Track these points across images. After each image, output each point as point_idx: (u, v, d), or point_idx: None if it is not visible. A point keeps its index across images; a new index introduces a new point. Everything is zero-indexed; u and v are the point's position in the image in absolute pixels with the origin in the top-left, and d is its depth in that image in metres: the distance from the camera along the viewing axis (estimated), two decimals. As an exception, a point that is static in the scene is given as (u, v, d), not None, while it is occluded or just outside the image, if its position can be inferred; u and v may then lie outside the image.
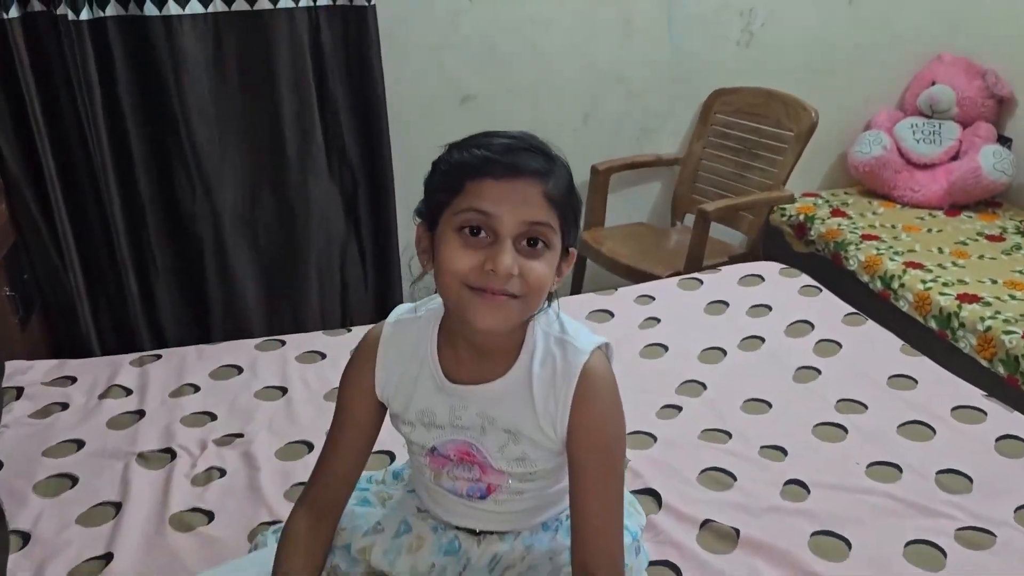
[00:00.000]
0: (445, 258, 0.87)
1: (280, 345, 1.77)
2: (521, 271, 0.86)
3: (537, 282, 0.88)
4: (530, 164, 0.87)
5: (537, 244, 0.88)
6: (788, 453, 1.37)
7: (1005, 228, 2.73)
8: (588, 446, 0.93)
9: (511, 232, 0.86)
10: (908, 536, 1.19)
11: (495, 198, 0.85)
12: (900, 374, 1.57)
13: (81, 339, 2.30)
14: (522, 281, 0.87)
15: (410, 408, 1.01)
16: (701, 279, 1.95)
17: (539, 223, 0.87)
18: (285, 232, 2.45)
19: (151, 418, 1.51)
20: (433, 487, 1.05)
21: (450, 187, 0.88)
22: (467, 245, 0.87)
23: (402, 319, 1.04)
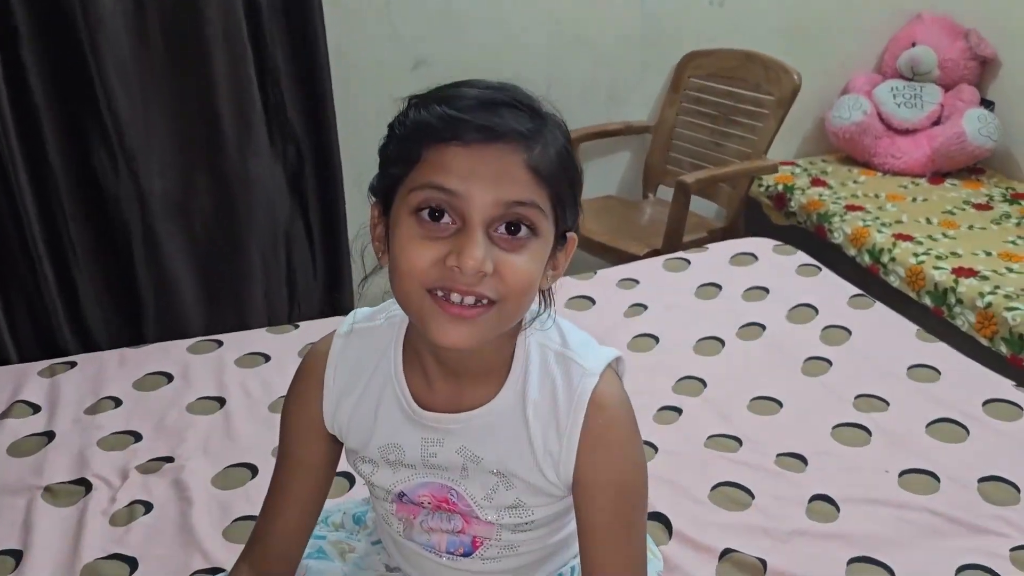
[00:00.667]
0: (399, 253, 0.66)
1: (217, 346, 1.54)
2: (497, 267, 0.65)
3: (519, 282, 0.66)
4: (510, 124, 0.65)
5: (519, 231, 0.66)
6: (808, 463, 1.20)
7: (991, 196, 2.61)
8: (602, 500, 0.73)
9: (484, 216, 0.64)
10: (958, 560, 1.03)
11: (462, 171, 0.64)
12: (920, 364, 1.41)
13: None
14: (498, 281, 0.65)
15: (371, 443, 0.79)
16: (688, 259, 1.77)
17: (521, 203, 0.65)
18: (223, 215, 2.20)
19: (62, 441, 1.28)
20: (403, 542, 0.84)
21: (405, 156, 0.66)
22: (426, 234, 0.65)
23: (357, 329, 0.81)
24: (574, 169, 0.71)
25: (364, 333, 0.81)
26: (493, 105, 0.66)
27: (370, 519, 0.97)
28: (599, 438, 0.72)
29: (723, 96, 2.51)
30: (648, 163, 2.67)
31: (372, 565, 0.90)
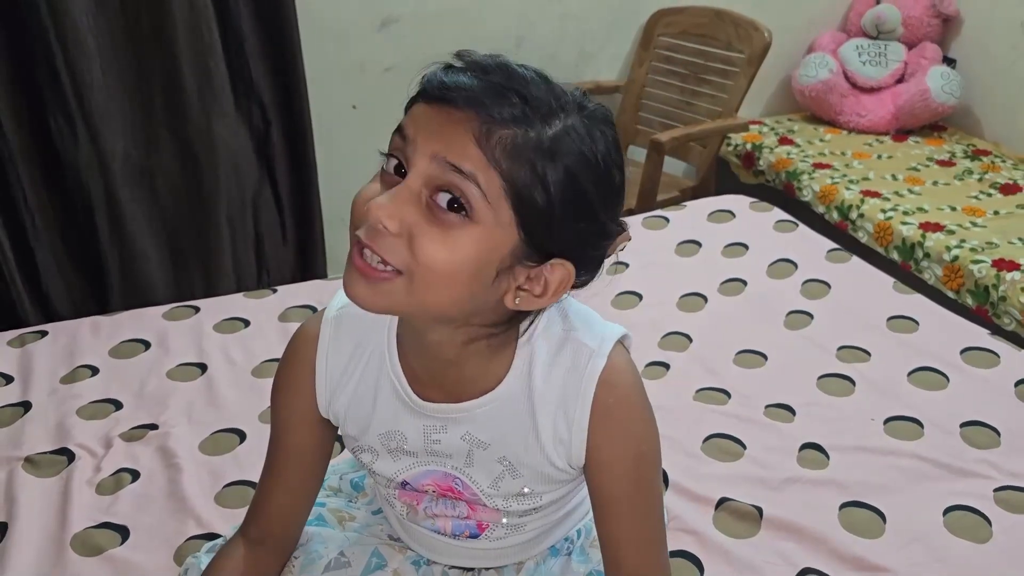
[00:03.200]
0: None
1: (193, 312, 1.50)
2: (412, 234, 0.59)
3: (429, 261, 0.59)
4: (471, 89, 0.59)
5: (454, 206, 0.59)
6: (796, 413, 1.22)
7: (954, 152, 2.65)
8: (619, 474, 0.71)
9: (423, 172, 0.59)
10: (945, 502, 1.05)
11: (419, 121, 0.61)
12: (899, 315, 1.43)
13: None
14: (408, 251, 0.59)
15: (369, 431, 0.76)
16: (666, 217, 1.77)
17: (457, 169, 0.58)
18: (188, 181, 2.14)
19: (39, 411, 1.24)
20: (408, 524, 0.83)
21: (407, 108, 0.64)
22: (381, 179, 0.63)
23: (345, 312, 0.76)
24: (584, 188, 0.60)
25: (354, 318, 0.75)
26: (467, 70, 0.61)
27: (368, 486, 0.96)
28: (610, 416, 0.70)
29: (693, 55, 2.50)
30: (618, 122, 2.65)
31: (374, 534, 0.88)
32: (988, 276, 1.97)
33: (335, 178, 2.29)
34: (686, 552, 0.98)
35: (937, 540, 1.00)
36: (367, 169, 0.73)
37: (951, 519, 1.03)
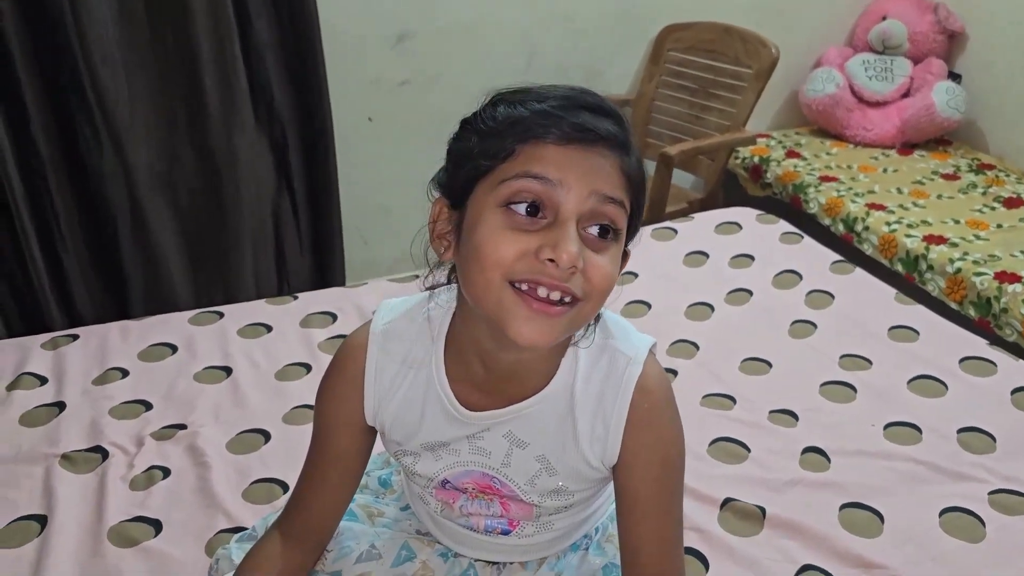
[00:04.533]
0: (484, 242, 0.65)
1: (218, 318, 1.56)
2: (585, 266, 0.65)
3: (603, 283, 0.67)
4: (608, 128, 0.67)
5: (607, 234, 0.67)
6: (799, 418, 1.27)
7: (958, 166, 2.69)
8: (647, 476, 0.76)
9: (577, 210, 0.65)
10: (941, 504, 1.10)
11: (560, 163, 0.65)
12: (900, 325, 1.48)
13: (-21, 317, 2.03)
14: (585, 280, 0.66)
15: (415, 439, 0.80)
16: (675, 228, 1.82)
17: (614, 200, 0.66)
18: (209, 192, 2.21)
19: (73, 411, 1.30)
20: (439, 519, 0.88)
21: (495, 150, 0.67)
22: (515, 225, 0.65)
23: (392, 327, 0.81)
24: (645, 186, 0.73)
25: (401, 333, 0.80)
26: (585, 108, 0.67)
27: (396, 483, 1.00)
28: (644, 421, 0.75)
29: (702, 69, 2.56)
30: (628, 136, 2.71)
31: (403, 529, 0.93)
32: (990, 288, 2.01)
33: (352, 187, 2.35)
34: (693, 549, 1.03)
35: (933, 539, 1.05)
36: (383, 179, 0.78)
37: (946, 520, 1.07)
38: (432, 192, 0.74)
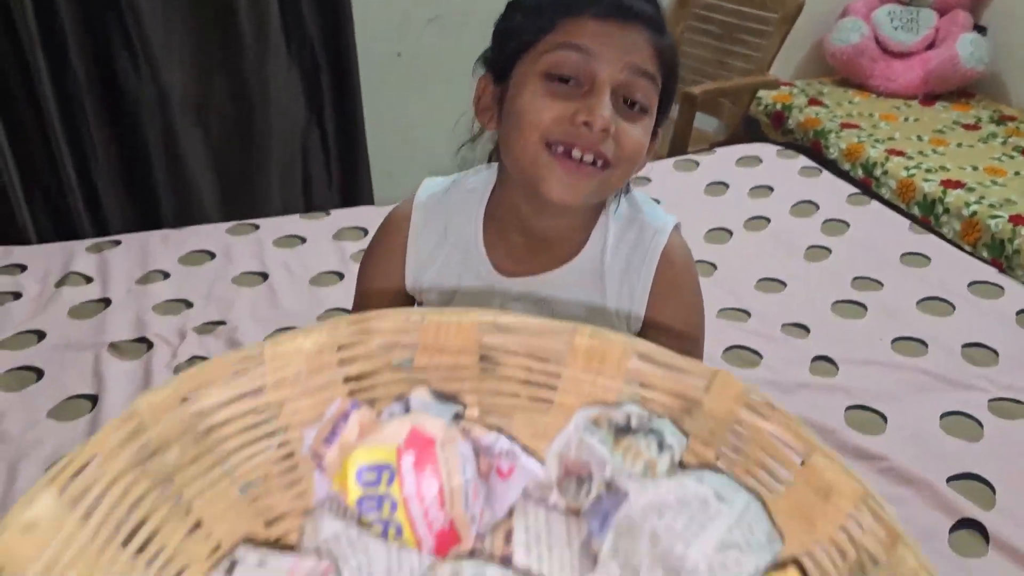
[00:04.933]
0: (524, 108, 0.71)
1: (254, 229, 1.62)
2: (616, 132, 0.70)
3: (632, 149, 0.72)
4: (642, 6, 0.72)
5: (636, 106, 0.72)
6: (811, 331, 1.32)
7: (980, 118, 2.70)
8: (667, 337, 0.81)
9: (612, 80, 0.70)
10: (942, 408, 1.15)
11: (597, 36, 0.71)
12: (913, 252, 1.52)
13: (17, 232, 2.10)
14: (616, 145, 0.71)
15: (451, 304, 0.85)
16: (697, 160, 1.86)
17: (646, 73, 0.72)
18: (241, 119, 2.26)
19: (119, 307, 1.37)
20: None
21: (538, 26, 0.72)
22: (554, 93, 0.71)
23: (434, 198, 0.87)
24: (678, 68, 0.77)
25: (443, 206, 0.86)
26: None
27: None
28: (668, 288, 0.81)
29: (728, 14, 2.57)
30: (652, 79, 2.74)
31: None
32: (1004, 230, 2.04)
33: (380, 123, 2.40)
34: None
35: (933, 438, 1.10)
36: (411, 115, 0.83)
37: (947, 422, 1.13)
38: (476, 69, 0.79)
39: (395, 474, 0.46)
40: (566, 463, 0.50)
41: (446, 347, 0.51)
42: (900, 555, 0.41)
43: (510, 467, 0.50)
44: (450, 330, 0.51)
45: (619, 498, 0.47)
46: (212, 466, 0.47)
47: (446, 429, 0.48)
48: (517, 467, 0.50)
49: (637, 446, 0.49)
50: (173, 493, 0.45)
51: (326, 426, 0.48)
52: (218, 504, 0.48)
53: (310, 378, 0.49)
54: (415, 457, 0.46)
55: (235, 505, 0.48)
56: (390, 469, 0.46)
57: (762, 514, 0.47)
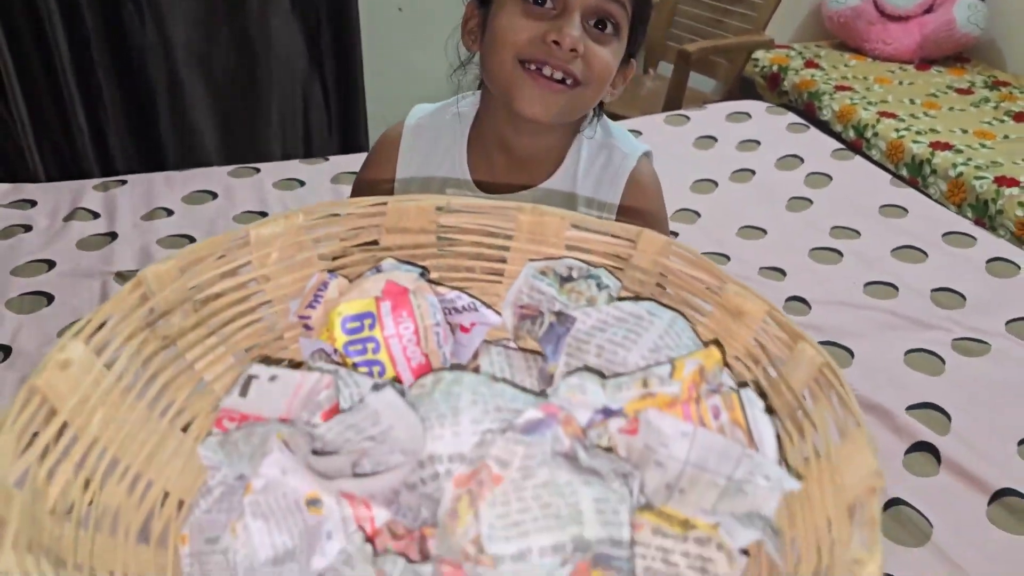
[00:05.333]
0: (501, 27, 0.77)
1: (255, 172, 1.67)
2: (586, 52, 0.77)
3: (602, 69, 0.78)
4: None
5: (606, 28, 0.78)
6: (787, 274, 1.37)
7: (974, 82, 2.74)
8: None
9: (582, 3, 0.76)
10: (907, 346, 1.21)
11: None
12: (891, 204, 1.57)
13: (27, 172, 2.16)
14: (585, 65, 0.77)
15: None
16: (688, 115, 1.91)
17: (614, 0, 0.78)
18: (244, 70, 2.31)
19: (125, 240, 1.42)
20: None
21: None
22: (529, 14, 0.77)
23: (423, 121, 0.94)
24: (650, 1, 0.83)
25: (430, 128, 0.93)
26: None
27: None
28: (634, 207, 0.87)
29: (726, -28, 2.60)
30: (650, 38, 2.77)
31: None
32: (988, 191, 2.09)
33: (379, 78, 2.44)
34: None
35: (897, 371, 1.16)
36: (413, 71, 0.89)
37: (911, 358, 1.19)
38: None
39: (376, 320, 0.53)
40: (519, 309, 0.58)
41: (407, 228, 0.58)
42: (800, 349, 0.50)
43: (472, 322, 0.57)
44: (410, 212, 0.58)
45: (568, 324, 0.54)
46: (209, 333, 0.54)
47: (416, 281, 0.55)
48: (478, 320, 0.57)
49: (579, 289, 0.57)
50: (178, 354, 0.52)
51: (308, 294, 0.55)
52: (217, 367, 0.54)
53: (290, 256, 0.56)
54: (392, 303, 0.53)
55: (233, 368, 0.55)
56: (371, 316, 0.53)
57: (687, 326, 0.55)
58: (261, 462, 0.47)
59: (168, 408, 0.51)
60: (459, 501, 0.47)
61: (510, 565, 0.44)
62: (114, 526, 0.47)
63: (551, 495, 0.46)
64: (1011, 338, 1.23)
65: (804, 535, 0.47)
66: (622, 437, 0.51)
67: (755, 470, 0.49)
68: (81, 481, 0.45)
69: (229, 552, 0.48)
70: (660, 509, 0.50)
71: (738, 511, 0.49)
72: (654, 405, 0.51)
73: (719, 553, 0.49)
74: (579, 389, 0.50)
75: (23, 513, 0.39)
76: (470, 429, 0.48)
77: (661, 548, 0.50)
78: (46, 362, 0.44)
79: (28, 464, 0.41)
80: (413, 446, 0.49)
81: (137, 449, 0.49)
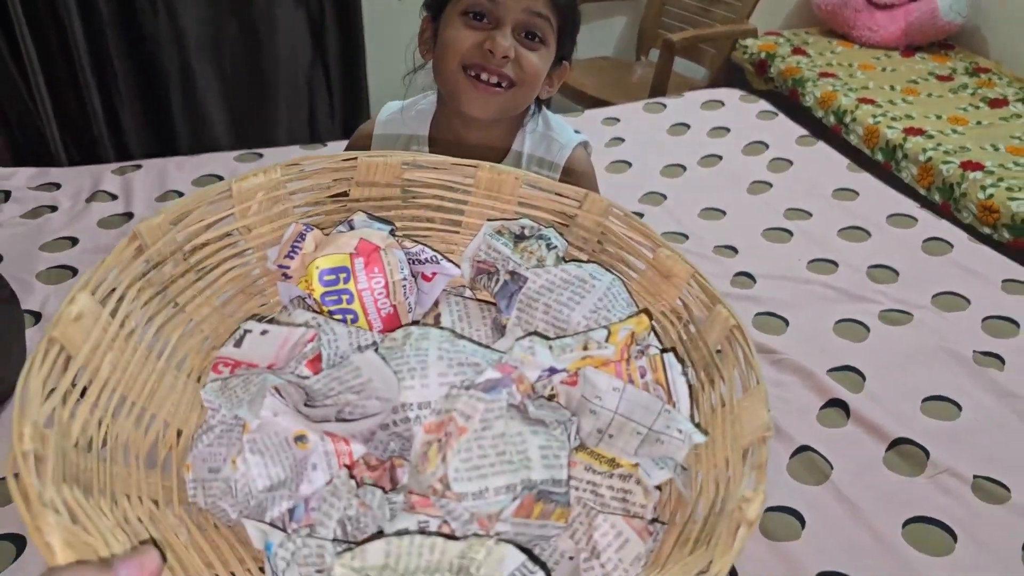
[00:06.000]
0: (447, 39, 0.93)
1: (258, 158, 1.82)
2: (518, 56, 0.93)
3: (531, 70, 0.94)
4: None
5: (535, 38, 0.95)
6: (738, 251, 1.50)
7: (955, 69, 2.83)
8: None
9: (512, 19, 0.92)
10: (837, 316, 1.34)
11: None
12: (844, 187, 1.69)
13: (50, 157, 2.32)
14: (517, 68, 0.93)
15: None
16: (665, 103, 2.03)
17: (539, 15, 0.94)
18: (250, 57, 2.45)
19: (141, 219, 1.57)
20: None
21: None
22: (469, 27, 0.93)
23: (392, 116, 1.11)
24: (577, 13, 1.00)
25: (397, 120, 1.10)
26: None
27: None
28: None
29: (714, -37, 2.70)
30: (642, 27, 2.88)
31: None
32: (954, 175, 2.20)
33: (380, 65, 2.57)
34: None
35: (824, 339, 1.29)
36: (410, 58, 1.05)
37: (839, 326, 1.32)
38: (421, 13, 0.99)
39: (350, 274, 0.64)
40: (477, 264, 0.69)
41: (375, 182, 0.69)
42: (717, 311, 0.61)
43: (433, 272, 0.69)
44: (378, 168, 0.68)
45: (520, 282, 0.65)
46: (197, 279, 0.63)
47: (386, 239, 0.66)
48: (439, 271, 0.69)
49: (531, 248, 0.67)
50: (170, 300, 0.61)
51: (285, 245, 0.66)
52: (204, 309, 0.65)
53: (269, 208, 0.66)
54: (365, 260, 0.64)
55: (218, 310, 0.66)
56: (346, 271, 0.64)
57: (623, 289, 0.66)
58: (258, 406, 0.56)
59: (164, 349, 0.60)
60: (429, 447, 0.56)
61: (471, 501, 0.53)
62: (126, 456, 0.54)
63: (505, 444, 0.55)
64: (933, 309, 1.35)
65: (706, 471, 0.57)
66: (563, 388, 0.62)
67: (671, 424, 0.59)
68: (96, 418, 0.51)
69: (230, 480, 0.56)
70: (592, 450, 0.60)
71: (655, 455, 0.59)
72: (592, 364, 0.61)
73: (638, 487, 0.59)
74: (530, 351, 0.60)
75: (56, 450, 0.44)
76: (436, 381, 0.57)
77: (591, 483, 0.60)
78: (60, 315, 0.49)
79: (54, 406, 0.46)
80: (389, 395, 0.58)
81: (140, 387, 0.57)
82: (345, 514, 0.54)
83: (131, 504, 0.52)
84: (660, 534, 0.58)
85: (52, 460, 0.43)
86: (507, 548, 0.49)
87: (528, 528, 0.55)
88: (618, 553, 0.57)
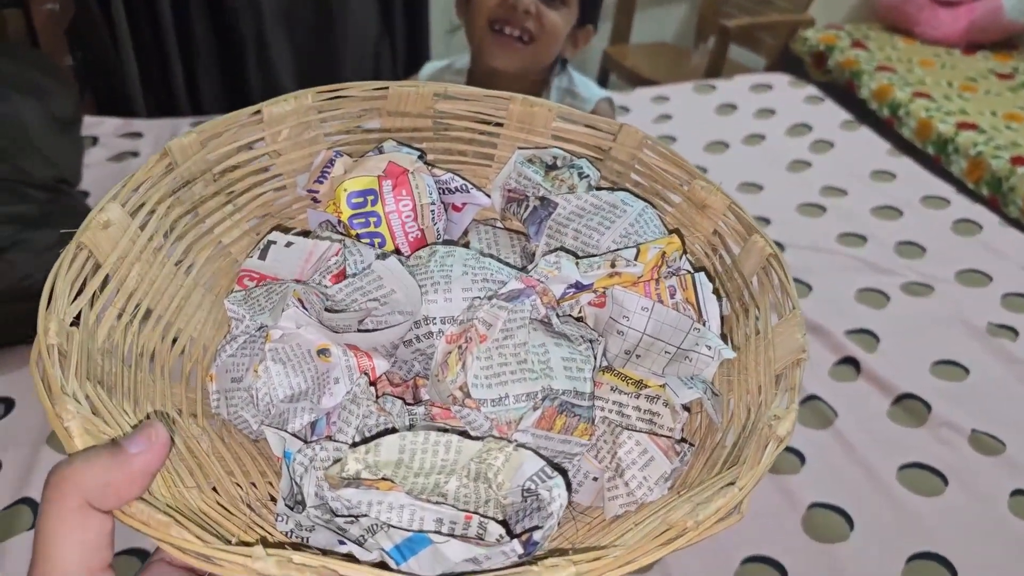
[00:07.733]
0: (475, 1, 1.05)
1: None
2: (539, 13, 1.04)
3: (551, 27, 1.05)
4: None
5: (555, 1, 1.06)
6: (771, 222, 1.56)
7: (1017, 68, 2.81)
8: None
9: None
10: (861, 284, 1.39)
11: None
12: (882, 170, 1.74)
13: (133, 113, 2.48)
14: (538, 23, 1.04)
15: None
16: (715, 85, 2.09)
17: None
18: (322, 29, 2.59)
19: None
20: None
21: None
22: None
23: (433, 75, 1.25)
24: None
25: (439, 75, 1.24)
26: None
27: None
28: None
29: (776, -47, 2.74)
30: (702, 13, 2.93)
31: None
32: (1003, 169, 2.21)
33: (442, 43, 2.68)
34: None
35: (845, 304, 1.35)
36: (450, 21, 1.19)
37: (862, 294, 1.37)
38: None
39: (378, 196, 0.62)
40: (507, 192, 0.67)
41: (407, 112, 0.67)
42: (752, 240, 0.59)
43: (463, 202, 0.68)
44: (410, 97, 0.66)
45: (550, 208, 0.64)
46: (227, 202, 0.61)
47: (415, 162, 0.64)
48: (469, 201, 0.68)
49: (562, 176, 0.66)
50: (199, 220, 0.59)
51: (315, 170, 0.65)
52: (233, 232, 0.64)
53: (299, 134, 0.64)
54: (393, 183, 0.63)
55: (247, 233, 0.65)
56: (374, 193, 0.62)
57: (654, 215, 0.64)
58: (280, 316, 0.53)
59: (191, 268, 0.58)
60: (449, 355, 0.53)
61: (490, 408, 0.51)
62: (151, 366, 0.53)
63: (527, 353, 0.53)
64: (956, 284, 1.40)
65: (738, 398, 0.56)
66: (591, 309, 0.60)
67: (700, 341, 0.57)
68: (123, 325, 0.51)
69: (252, 389, 0.54)
70: (618, 371, 0.58)
71: (683, 374, 0.57)
72: (620, 283, 0.59)
73: (665, 409, 0.57)
74: (556, 266, 0.58)
75: (80, 348, 0.43)
76: (460, 296, 0.55)
77: (617, 403, 0.57)
78: (89, 221, 0.48)
79: (80, 308, 0.45)
80: (411, 308, 0.55)
81: (167, 302, 0.56)
82: (364, 421, 0.54)
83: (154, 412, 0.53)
84: (687, 455, 0.56)
85: (76, 357, 0.42)
86: (525, 453, 0.48)
87: (550, 442, 0.54)
88: (643, 471, 0.55)
